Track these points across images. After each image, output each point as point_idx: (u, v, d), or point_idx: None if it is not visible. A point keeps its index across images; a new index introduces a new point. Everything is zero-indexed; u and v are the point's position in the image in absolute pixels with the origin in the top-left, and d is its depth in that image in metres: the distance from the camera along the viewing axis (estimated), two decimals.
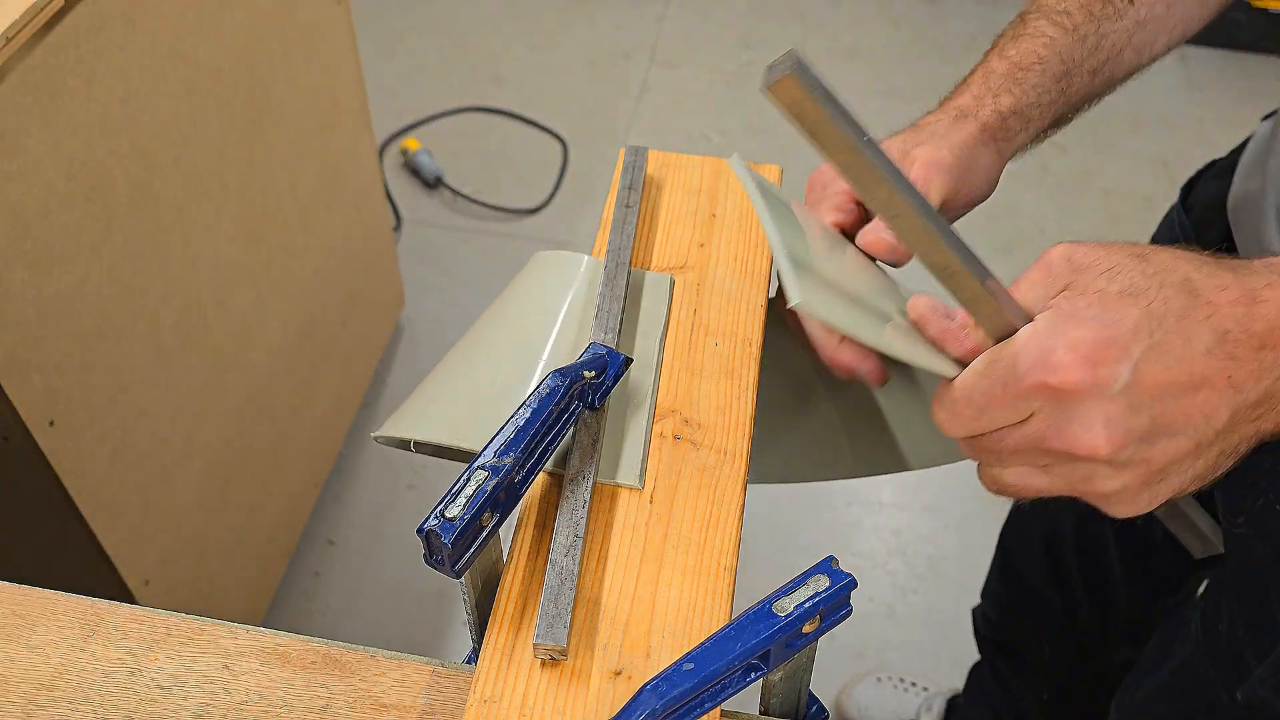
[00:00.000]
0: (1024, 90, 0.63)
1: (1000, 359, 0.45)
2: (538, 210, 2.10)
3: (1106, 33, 0.65)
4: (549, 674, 0.46)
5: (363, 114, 1.50)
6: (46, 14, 0.84)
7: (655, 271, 0.64)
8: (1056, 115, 0.66)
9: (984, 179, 0.62)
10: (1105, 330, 0.43)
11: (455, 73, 2.37)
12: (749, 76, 2.42)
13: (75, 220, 0.93)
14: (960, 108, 0.63)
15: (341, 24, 1.38)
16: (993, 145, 0.62)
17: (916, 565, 1.61)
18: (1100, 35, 0.64)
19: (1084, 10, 0.65)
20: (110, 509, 1.05)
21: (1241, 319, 0.43)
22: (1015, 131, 0.63)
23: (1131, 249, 0.45)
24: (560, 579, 0.48)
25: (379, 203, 1.62)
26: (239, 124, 1.17)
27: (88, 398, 0.99)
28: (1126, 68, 0.67)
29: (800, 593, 0.44)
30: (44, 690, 0.49)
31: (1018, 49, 0.65)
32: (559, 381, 0.51)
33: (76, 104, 0.91)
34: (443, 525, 0.44)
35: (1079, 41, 0.64)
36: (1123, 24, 0.65)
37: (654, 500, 0.53)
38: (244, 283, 1.24)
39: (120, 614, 0.52)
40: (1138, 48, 0.66)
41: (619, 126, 2.28)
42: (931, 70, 2.46)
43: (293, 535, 1.52)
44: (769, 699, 0.50)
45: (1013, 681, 1.19)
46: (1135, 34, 0.66)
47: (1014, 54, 0.65)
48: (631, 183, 0.68)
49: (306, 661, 0.50)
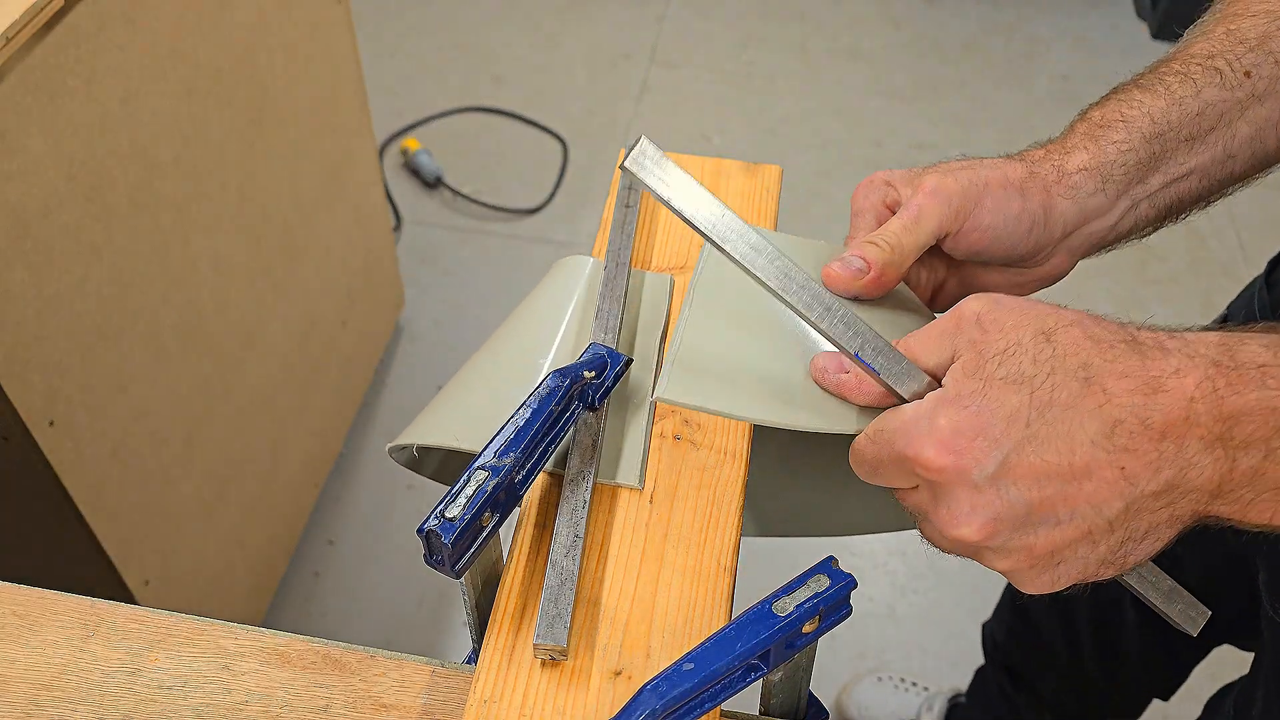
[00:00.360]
0: (1101, 147, 0.59)
1: (884, 430, 0.46)
2: (538, 210, 2.10)
3: (1211, 101, 0.59)
4: (549, 674, 0.46)
5: (363, 114, 1.50)
6: (46, 14, 0.84)
7: (655, 271, 0.64)
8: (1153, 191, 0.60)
9: (1008, 225, 0.58)
10: (978, 418, 0.43)
11: (455, 73, 2.37)
12: (749, 76, 2.42)
13: (75, 220, 0.93)
14: (1025, 155, 0.60)
15: (341, 24, 1.38)
16: (1039, 197, 0.58)
17: (916, 565, 1.61)
18: (1202, 103, 0.59)
19: (1181, 77, 0.60)
20: (110, 509, 1.05)
21: (1138, 409, 0.41)
22: (1087, 191, 0.58)
23: (1040, 323, 0.44)
24: (560, 579, 0.48)
25: (379, 203, 1.62)
26: (239, 124, 1.17)
27: (88, 398, 0.99)
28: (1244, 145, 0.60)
29: (800, 593, 0.44)
30: (44, 690, 0.49)
31: (1101, 110, 0.61)
32: (559, 382, 0.51)
33: (76, 104, 0.91)
34: (443, 525, 0.44)
35: (1173, 104, 0.59)
36: (1234, 95, 0.59)
37: (654, 500, 0.53)
38: (244, 283, 1.24)
39: (120, 614, 0.52)
40: (1257, 124, 0.60)
41: (619, 126, 2.28)
42: (931, 70, 2.46)
43: (293, 535, 1.52)
44: (769, 699, 0.50)
45: (1017, 700, 1.19)
46: (1252, 109, 0.59)
47: (1097, 115, 0.61)
48: (632, 183, 0.68)
49: (306, 661, 0.50)
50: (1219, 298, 2.00)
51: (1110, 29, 2.57)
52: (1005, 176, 0.57)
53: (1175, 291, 2.01)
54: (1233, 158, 0.60)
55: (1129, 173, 0.58)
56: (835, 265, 0.55)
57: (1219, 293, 2.01)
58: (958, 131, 2.29)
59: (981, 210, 0.57)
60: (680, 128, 2.28)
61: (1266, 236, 2.11)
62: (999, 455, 0.42)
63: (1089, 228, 0.59)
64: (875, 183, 0.60)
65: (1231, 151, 0.60)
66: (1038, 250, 0.59)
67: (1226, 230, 2.12)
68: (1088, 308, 0.47)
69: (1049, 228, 0.58)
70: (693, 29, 2.53)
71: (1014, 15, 2.61)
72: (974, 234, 0.57)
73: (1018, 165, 0.58)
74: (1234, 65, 0.59)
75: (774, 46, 2.51)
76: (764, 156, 1.91)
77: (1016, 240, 0.58)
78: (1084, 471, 0.42)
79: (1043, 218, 0.58)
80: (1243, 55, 0.59)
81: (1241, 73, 0.59)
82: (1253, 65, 0.59)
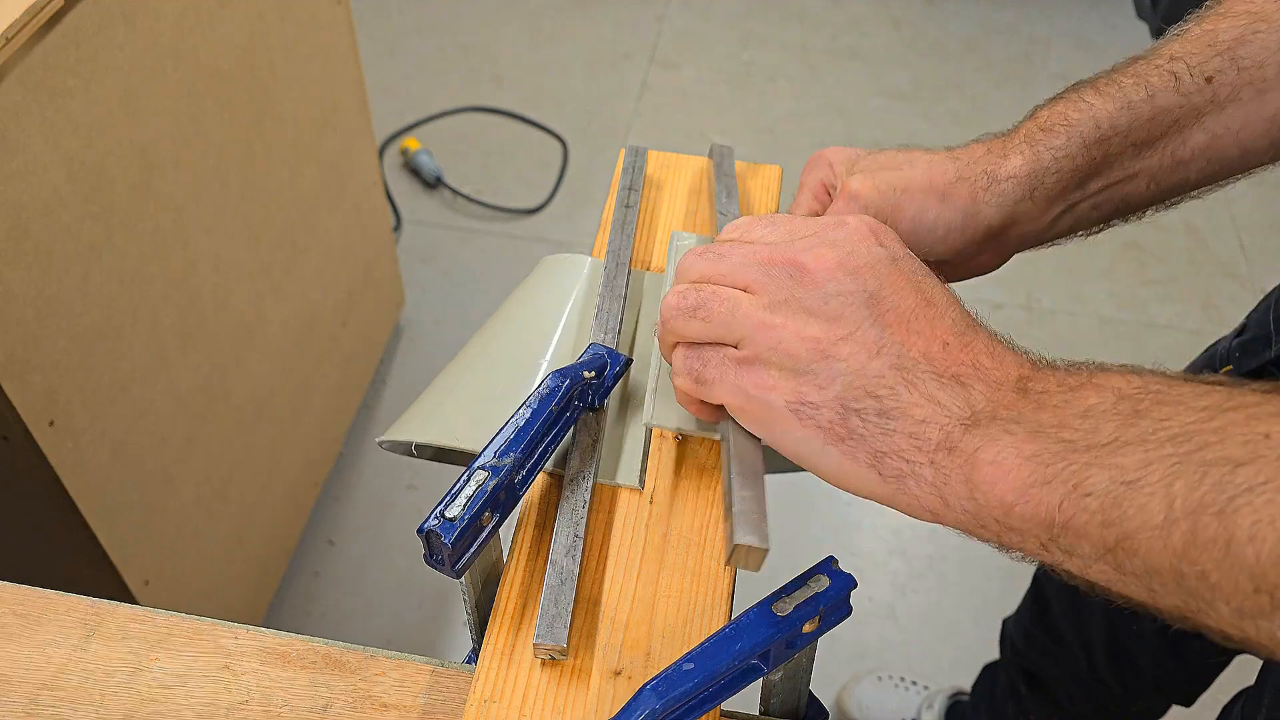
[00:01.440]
0: (1037, 153, 0.57)
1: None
2: (538, 210, 2.10)
3: (1165, 106, 0.57)
4: (549, 674, 0.46)
5: (363, 114, 1.50)
6: (46, 14, 0.84)
7: (655, 271, 0.64)
8: (1092, 194, 0.59)
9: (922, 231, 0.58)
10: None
11: (455, 73, 2.37)
12: (749, 76, 2.42)
13: (75, 220, 0.93)
14: (961, 154, 0.59)
15: (341, 24, 1.38)
16: (962, 203, 0.57)
17: (916, 565, 1.61)
18: (1155, 108, 0.57)
19: (1137, 80, 0.58)
20: (110, 509, 1.05)
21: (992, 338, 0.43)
22: (1015, 198, 0.57)
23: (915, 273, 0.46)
24: (560, 579, 0.48)
25: (379, 202, 1.62)
26: (239, 124, 1.17)
27: (88, 398, 0.99)
28: (1199, 153, 0.58)
29: (800, 593, 0.44)
30: (44, 690, 0.49)
31: (1049, 111, 0.59)
32: (559, 382, 0.51)
33: (76, 104, 0.91)
34: (443, 525, 0.44)
35: (1123, 109, 0.57)
36: (1190, 101, 0.57)
37: (654, 500, 0.53)
38: (244, 283, 1.24)
39: (120, 614, 0.52)
40: (1214, 132, 0.58)
41: (619, 126, 2.28)
42: (931, 70, 2.46)
43: (293, 535, 1.52)
44: (769, 699, 0.50)
45: (1030, 701, 1.18)
46: (1209, 116, 0.57)
47: (1043, 115, 0.59)
48: (631, 183, 0.68)
49: (306, 661, 0.50)
50: (1219, 298, 2.00)
51: (1110, 29, 2.57)
52: (930, 181, 0.57)
53: (1175, 291, 2.01)
54: (1184, 164, 0.58)
55: (1063, 179, 0.57)
56: None
57: (1219, 293, 2.01)
58: (958, 131, 2.29)
59: (898, 215, 0.57)
60: (680, 128, 2.28)
61: (1266, 236, 2.11)
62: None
63: (1018, 229, 0.59)
64: (819, 161, 0.61)
65: (1183, 159, 0.58)
66: (958, 252, 0.59)
67: (1227, 230, 2.12)
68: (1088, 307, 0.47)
69: (969, 232, 0.58)
70: (693, 29, 2.53)
71: (1014, 15, 2.61)
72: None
73: (949, 166, 0.58)
74: (1195, 70, 0.57)
75: (774, 46, 2.51)
76: (764, 156, 1.91)
77: (932, 244, 0.58)
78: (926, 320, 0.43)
79: (961, 223, 0.57)
80: (1209, 60, 0.57)
81: (1202, 78, 0.57)
82: (1216, 71, 0.57)
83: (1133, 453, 0.35)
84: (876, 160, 0.59)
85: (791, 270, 0.45)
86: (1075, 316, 1.95)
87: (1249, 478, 0.32)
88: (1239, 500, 0.32)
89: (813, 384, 0.43)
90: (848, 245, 0.45)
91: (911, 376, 0.42)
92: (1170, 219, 2.13)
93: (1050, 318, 1.95)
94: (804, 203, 0.62)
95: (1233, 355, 0.80)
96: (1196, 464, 0.33)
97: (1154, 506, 0.33)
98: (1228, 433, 0.33)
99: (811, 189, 0.61)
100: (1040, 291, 1.98)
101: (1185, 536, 0.33)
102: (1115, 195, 0.59)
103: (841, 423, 0.42)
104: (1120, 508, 0.34)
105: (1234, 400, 0.34)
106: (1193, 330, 1.94)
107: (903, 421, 0.41)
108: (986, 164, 0.58)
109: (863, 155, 0.60)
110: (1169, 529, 0.33)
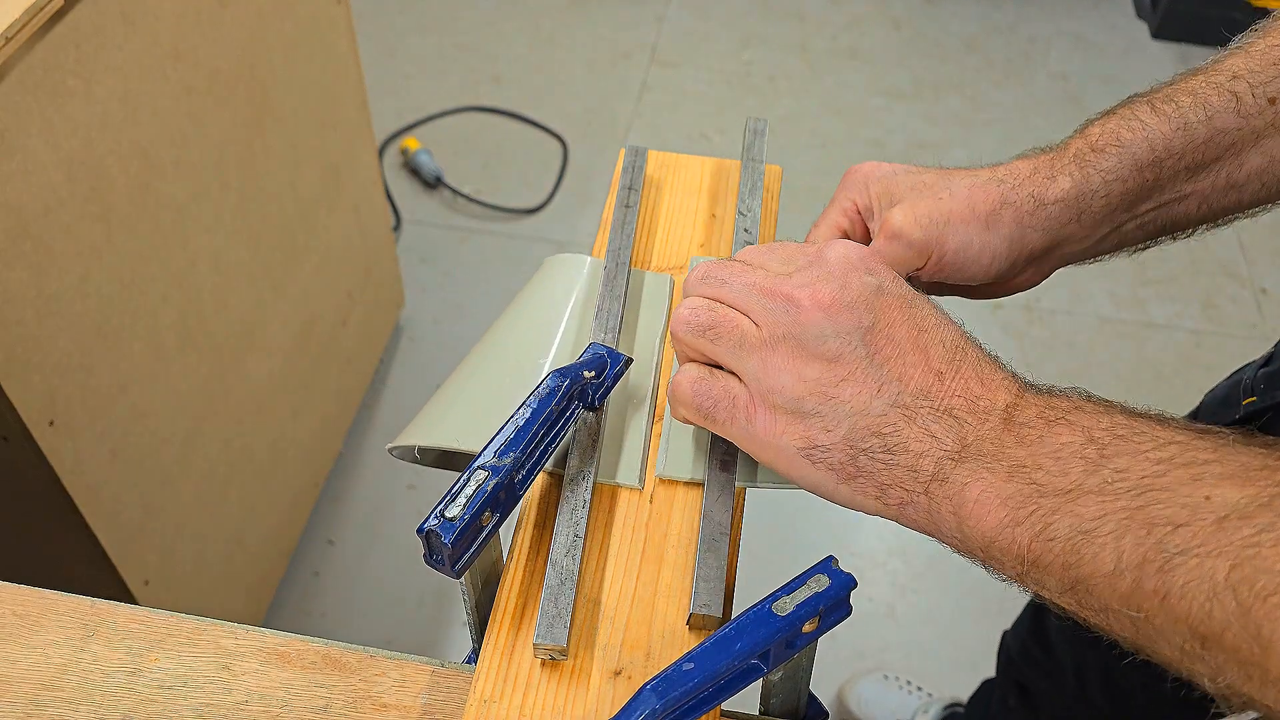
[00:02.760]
0: (1086, 175, 0.56)
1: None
2: (538, 210, 2.10)
3: (1222, 128, 0.55)
4: (549, 674, 0.46)
5: (363, 114, 1.50)
6: (46, 14, 0.84)
7: (655, 271, 0.64)
8: (1141, 215, 0.58)
9: (968, 261, 0.56)
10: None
11: (455, 73, 2.37)
12: (749, 76, 2.42)
13: (75, 220, 0.93)
14: (1006, 175, 0.57)
15: (341, 24, 1.38)
16: (1007, 229, 0.56)
17: (916, 565, 1.61)
18: (1212, 129, 0.55)
19: (1196, 100, 0.56)
20: (110, 509, 1.05)
21: (982, 360, 0.45)
22: (1061, 222, 0.56)
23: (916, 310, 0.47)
24: (560, 579, 0.48)
25: (379, 202, 1.62)
26: (239, 124, 1.17)
27: (88, 398, 0.99)
28: (1255, 176, 0.57)
29: (800, 593, 0.44)
30: (44, 690, 0.49)
31: (1102, 127, 0.57)
32: (558, 381, 0.51)
33: (76, 104, 0.91)
34: (443, 525, 0.44)
35: (1178, 130, 0.55)
36: (1250, 124, 0.55)
37: (654, 500, 0.53)
38: (244, 283, 1.24)
39: (120, 614, 0.52)
40: (1273, 156, 0.56)
41: (619, 126, 2.28)
42: (931, 70, 2.46)
43: (293, 535, 1.52)
44: (769, 699, 0.50)
45: (1018, 715, 1.18)
46: (1269, 139, 0.55)
47: (1095, 132, 0.57)
48: (631, 183, 0.68)
49: (306, 661, 0.50)
50: (1219, 298, 2.00)
51: (1110, 29, 2.57)
52: (973, 209, 0.56)
53: (1175, 291, 2.01)
54: (1238, 187, 0.57)
55: (1112, 202, 0.56)
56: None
57: (1219, 293, 2.01)
58: (958, 131, 2.29)
59: (943, 247, 0.56)
60: (680, 127, 2.28)
61: (1266, 237, 2.11)
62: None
63: (1062, 250, 0.58)
64: (853, 180, 0.60)
65: (1237, 181, 0.57)
66: (1001, 275, 0.58)
67: (1227, 230, 2.12)
68: (1088, 307, 0.47)
69: (1014, 256, 0.57)
70: (693, 29, 2.53)
71: (1014, 15, 2.61)
72: (937, 268, 0.57)
73: (992, 190, 0.56)
74: (1258, 91, 0.55)
75: (773, 46, 2.51)
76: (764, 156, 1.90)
77: (976, 271, 0.57)
78: (921, 348, 0.45)
79: (1006, 250, 0.56)
80: (1273, 80, 0.55)
81: (1265, 99, 0.55)
82: (1278, 92, 0.55)
83: (1091, 503, 0.38)
84: (915, 186, 0.57)
85: (788, 305, 0.47)
86: (1075, 316, 1.95)
87: (1185, 540, 0.35)
88: (1175, 560, 0.35)
89: (820, 427, 0.45)
90: (839, 279, 0.47)
91: (911, 413, 0.44)
92: None
93: (1050, 317, 1.94)
94: (832, 217, 0.60)
95: (1258, 386, 0.77)
96: (1142, 521, 0.37)
97: (1105, 556, 0.37)
98: (1174, 491, 0.37)
99: (842, 207, 0.59)
100: (1040, 291, 1.98)
101: (1131, 585, 0.37)
102: (1164, 216, 0.58)
103: (851, 462, 0.45)
104: (1078, 553, 0.38)
105: (1185, 456, 0.38)
106: (1193, 330, 1.94)
107: (904, 456, 0.44)
108: (1032, 186, 0.56)
109: (900, 174, 0.58)
110: (1117, 577, 0.37)
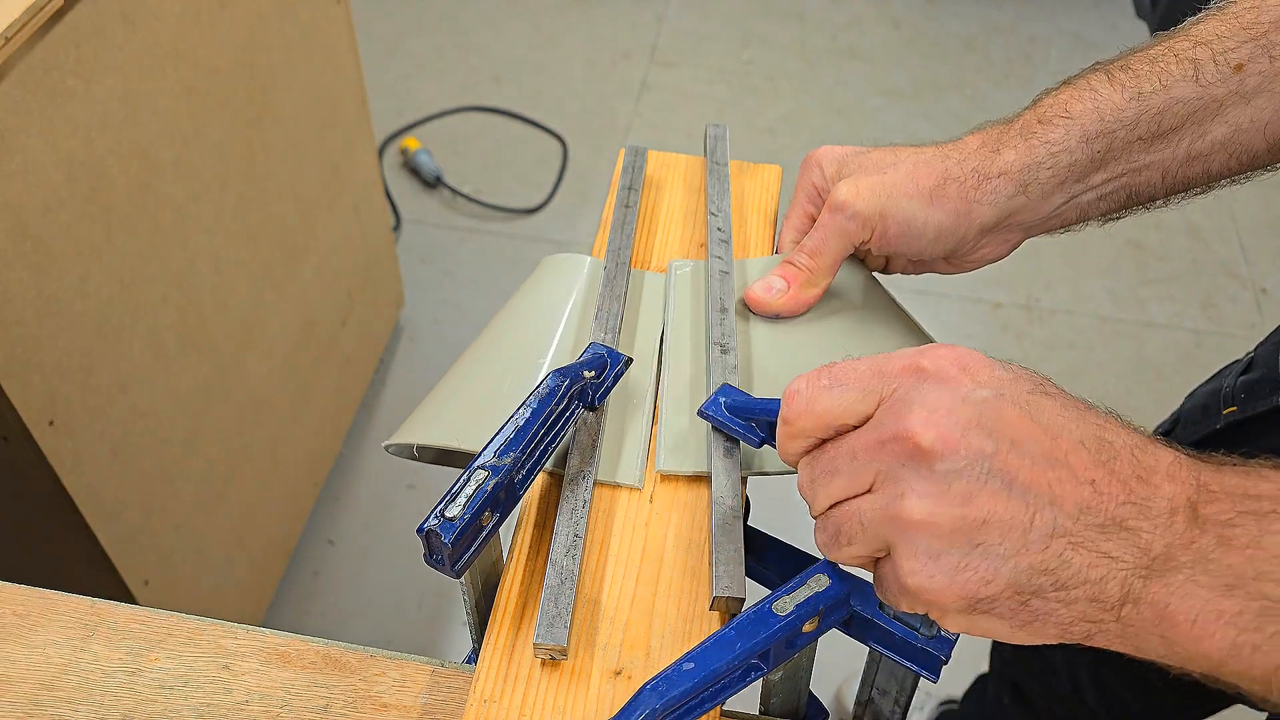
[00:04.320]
0: (1031, 147, 0.55)
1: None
2: (538, 210, 2.10)
3: (1180, 97, 0.53)
4: (549, 674, 0.46)
5: (363, 114, 1.50)
6: (46, 14, 0.84)
7: (655, 271, 0.64)
8: (1097, 185, 0.56)
9: (912, 234, 0.57)
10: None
11: (455, 73, 2.37)
12: (749, 76, 2.42)
13: (75, 220, 0.93)
14: (952, 151, 0.57)
15: (341, 24, 1.38)
16: (951, 204, 0.56)
17: None
18: (1168, 99, 0.53)
19: (1153, 67, 0.54)
20: (110, 509, 1.05)
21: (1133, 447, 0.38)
22: (1006, 194, 0.55)
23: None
24: (560, 579, 0.48)
25: (379, 202, 1.62)
26: (239, 124, 1.17)
27: (88, 398, 0.99)
28: (1220, 146, 0.54)
29: (800, 593, 0.44)
30: (45, 690, 0.49)
31: (1052, 99, 0.56)
32: (558, 381, 0.51)
33: (76, 104, 0.91)
34: (443, 525, 0.44)
35: (1131, 100, 0.54)
36: (1210, 93, 0.53)
37: (654, 500, 0.53)
38: (244, 283, 1.24)
39: (120, 614, 0.52)
40: (1238, 125, 0.53)
41: (619, 126, 2.28)
42: (931, 70, 2.46)
43: (293, 535, 1.52)
44: (769, 699, 0.50)
45: (1012, 713, 1.17)
46: (1233, 108, 0.53)
47: (1046, 103, 0.56)
48: (631, 183, 0.68)
49: (306, 661, 0.50)
50: (1219, 298, 2.00)
51: (1110, 29, 2.57)
52: (915, 183, 0.57)
53: (1175, 291, 2.01)
54: (1203, 157, 0.55)
55: (1059, 174, 0.56)
56: (756, 286, 0.59)
57: (1219, 293, 2.01)
58: (958, 130, 2.27)
59: (886, 220, 0.57)
60: (680, 127, 2.28)
61: (1266, 236, 2.11)
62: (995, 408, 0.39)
63: (1016, 220, 0.58)
64: (810, 164, 0.62)
65: (1200, 152, 0.54)
66: (954, 250, 0.59)
67: (1227, 230, 2.12)
68: (1088, 307, 0.46)
69: (962, 231, 0.57)
70: (693, 29, 2.53)
71: (1014, 15, 2.61)
72: (883, 240, 0.58)
73: (936, 166, 0.57)
74: (1220, 58, 0.53)
75: (773, 46, 2.51)
76: (764, 156, 1.91)
77: (924, 246, 0.58)
78: (1064, 457, 0.37)
79: (952, 224, 0.57)
80: (1240, 45, 0.53)
81: (1229, 66, 0.53)
82: (1247, 58, 0.52)
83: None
84: (864, 162, 0.59)
85: (896, 450, 0.39)
86: (1075, 316, 1.95)
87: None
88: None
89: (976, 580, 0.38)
90: (946, 400, 0.39)
91: (1076, 538, 0.38)
92: (1171, 218, 2.13)
93: (1050, 317, 1.95)
94: (799, 205, 0.62)
95: (1238, 396, 0.76)
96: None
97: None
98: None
99: (805, 192, 0.61)
100: (1040, 291, 1.98)
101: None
102: (1124, 186, 0.57)
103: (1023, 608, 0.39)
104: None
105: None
106: (1192, 330, 1.94)
107: (1081, 588, 0.38)
108: (977, 160, 0.57)
109: (852, 155, 0.60)
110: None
